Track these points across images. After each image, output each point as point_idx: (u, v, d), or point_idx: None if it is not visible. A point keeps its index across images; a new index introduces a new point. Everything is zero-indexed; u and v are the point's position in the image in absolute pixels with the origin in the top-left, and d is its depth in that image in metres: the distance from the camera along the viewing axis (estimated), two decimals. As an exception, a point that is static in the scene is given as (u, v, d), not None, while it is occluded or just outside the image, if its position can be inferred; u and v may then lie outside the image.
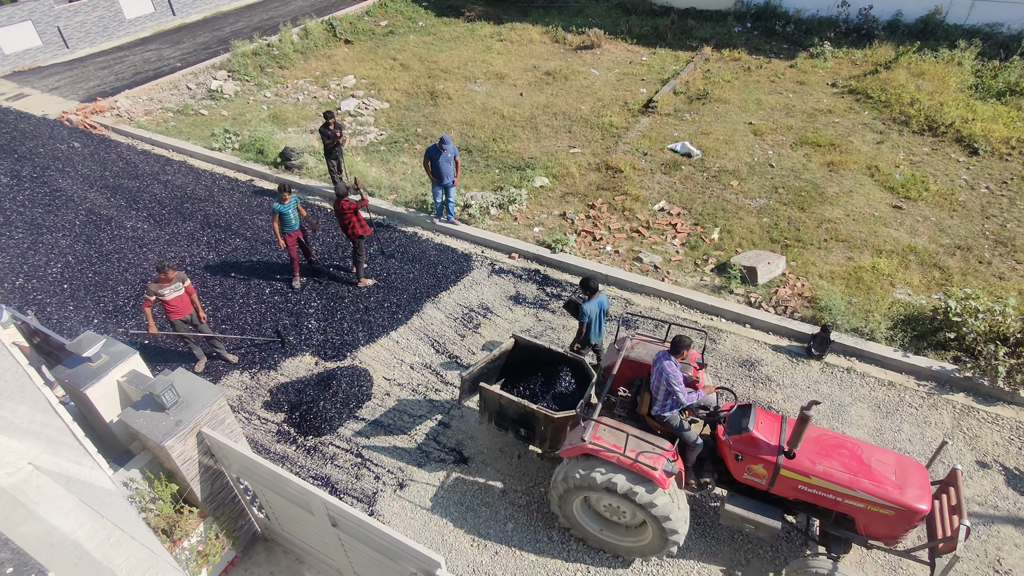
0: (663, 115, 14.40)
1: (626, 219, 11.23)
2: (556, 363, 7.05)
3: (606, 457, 5.64)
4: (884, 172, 11.91)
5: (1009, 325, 8.04)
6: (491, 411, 6.86)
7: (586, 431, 5.77)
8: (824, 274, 9.74)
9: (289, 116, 15.32)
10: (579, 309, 7.50)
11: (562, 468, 6.03)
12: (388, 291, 9.97)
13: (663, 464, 5.54)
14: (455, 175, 10.71)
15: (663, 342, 6.92)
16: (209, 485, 5.82)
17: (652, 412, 6.13)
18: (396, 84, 16.50)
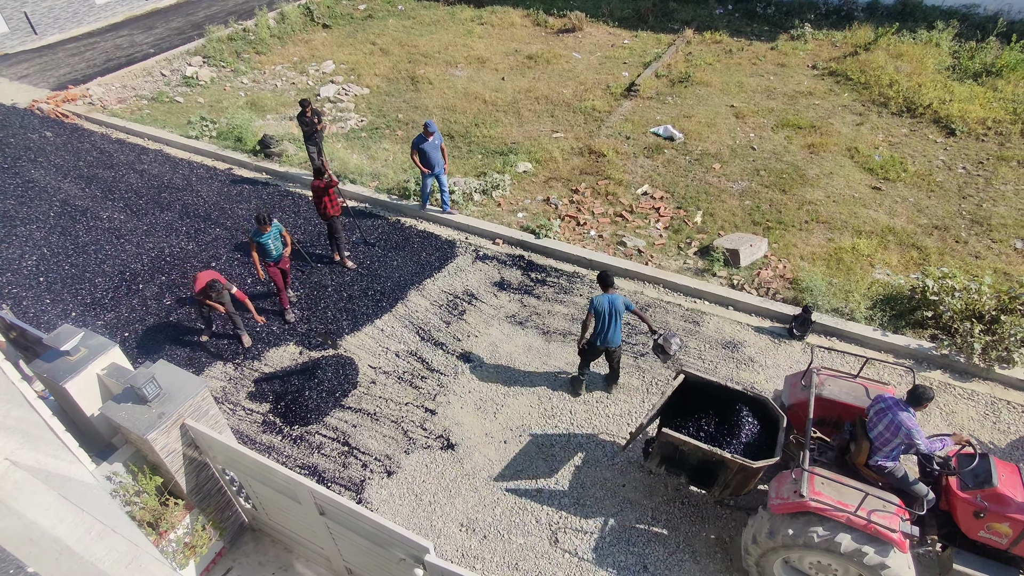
0: (645, 99, 14.38)
1: (609, 203, 11.23)
2: (731, 401, 6.30)
3: (832, 516, 5.05)
4: (863, 154, 12.01)
5: (984, 303, 8.19)
6: (665, 455, 6.19)
7: (802, 485, 5.20)
8: (805, 255, 9.83)
9: (267, 103, 15.07)
10: (664, 351, 7.09)
11: (765, 523, 5.45)
12: (372, 279, 9.91)
13: (899, 524, 4.99)
14: (444, 163, 10.58)
15: (854, 377, 6.32)
16: (194, 477, 5.78)
17: (873, 462, 5.55)
18: (376, 69, 16.28)
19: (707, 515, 6.69)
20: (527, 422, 7.74)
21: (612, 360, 7.64)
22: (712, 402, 6.38)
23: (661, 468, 6.36)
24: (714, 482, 6.06)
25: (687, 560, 6.32)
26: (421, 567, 4.56)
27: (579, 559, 6.39)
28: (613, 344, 7.32)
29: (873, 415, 5.53)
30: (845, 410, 6.13)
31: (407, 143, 13.25)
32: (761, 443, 6.03)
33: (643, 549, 6.44)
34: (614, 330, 7.21)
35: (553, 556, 6.42)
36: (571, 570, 6.30)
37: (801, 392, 6.30)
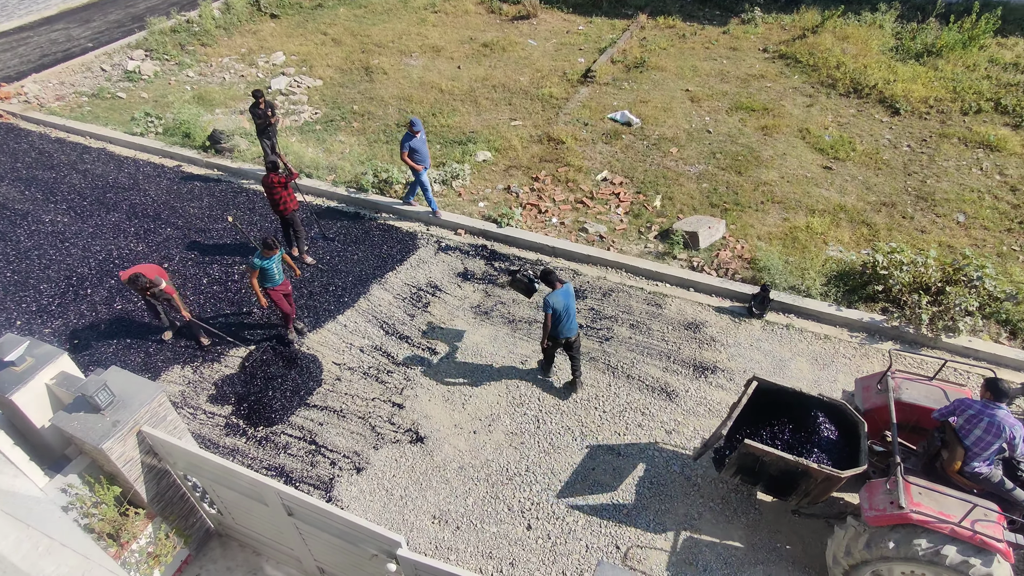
0: (602, 84, 14.43)
1: (570, 190, 11.26)
2: (805, 406, 6.15)
3: (935, 528, 4.88)
4: (814, 134, 12.31)
5: (930, 275, 8.52)
6: (743, 466, 5.95)
7: (899, 495, 5.05)
8: (762, 235, 10.05)
9: (215, 97, 14.59)
10: (527, 287, 7.31)
11: (862, 535, 5.26)
12: (332, 274, 9.74)
13: (1003, 533, 4.88)
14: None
15: (930, 380, 6.15)
16: (155, 485, 5.61)
17: (969, 469, 5.31)
18: (328, 60, 15.91)
19: (673, 493, 6.82)
20: (496, 411, 7.75)
21: (573, 349, 7.56)
22: (783, 408, 6.22)
23: (736, 478, 6.13)
24: (792, 491, 5.86)
25: (657, 538, 6.44)
26: (394, 562, 4.53)
27: (553, 543, 6.44)
28: (573, 333, 7.36)
29: (964, 421, 5.26)
30: (924, 414, 5.90)
31: (364, 135, 13.03)
32: (838, 450, 5.85)
33: (615, 530, 6.53)
34: (572, 320, 7.27)
35: (527, 542, 6.47)
36: (545, 555, 6.35)
37: (877, 396, 6.11)
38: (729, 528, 6.50)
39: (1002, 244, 9.73)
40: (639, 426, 7.50)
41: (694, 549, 6.35)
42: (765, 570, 6.16)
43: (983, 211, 10.33)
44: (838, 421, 6.05)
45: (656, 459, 7.16)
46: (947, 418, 5.45)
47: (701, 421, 7.51)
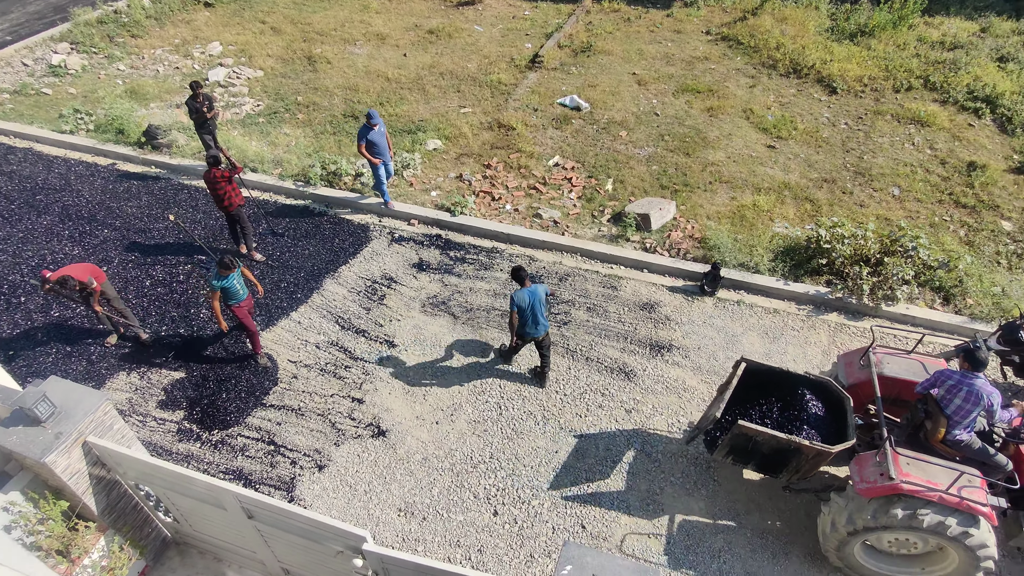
0: (550, 69, 14.43)
1: (522, 176, 11.26)
2: (791, 385, 6.31)
3: (925, 496, 5.08)
4: (758, 114, 12.62)
5: (870, 247, 8.88)
6: (736, 446, 6.02)
7: (888, 467, 5.21)
8: (711, 215, 10.28)
9: (150, 90, 13.95)
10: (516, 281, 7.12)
11: (855, 507, 5.42)
12: (283, 271, 9.49)
13: (987, 497, 5.10)
14: (390, 151, 10.09)
15: (908, 354, 6.34)
16: (105, 496, 5.39)
17: (952, 437, 5.54)
18: (268, 50, 15.40)
19: (635, 470, 6.96)
20: (458, 400, 7.74)
21: (543, 348, 7.52)
22: (770, 387, 6.35)
23: (728, 458, 6.21)
24: (783, 468, 5.99)
25: (622, 516, 6.57)
26: (360, 557, 4.48)
27: (519, 527, 6.50)
28: (541, 332, 7.28)
29: (945, 392, 5.47)
30: (905, 387, 6.10)
31: (309, 127, 12.70)
32: (826, 425, 5.99)
33: (580, 510, 6.63)
34: (540, 318, 7.17)
35: (494, 528, 6.50)
36: (512, 539, 6.41)
37: (860, 371, 6.28)
38: (689, 501, 6.68)
39: (934, 215, 10.22)
40: (599, 407, 7.61)
41: (658, 522, 6.50)
42: (725, 538, 6.37)
43: (916, 184, 10.81)
44: (824, 397, 6.19)
45: (617, 438, 7.28)
46: (929, 390, 5.68)
47: (659, 399, 7.67)
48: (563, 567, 3.84)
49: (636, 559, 6.24)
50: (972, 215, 10.21)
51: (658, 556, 6.27)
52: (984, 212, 10.22)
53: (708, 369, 8.01)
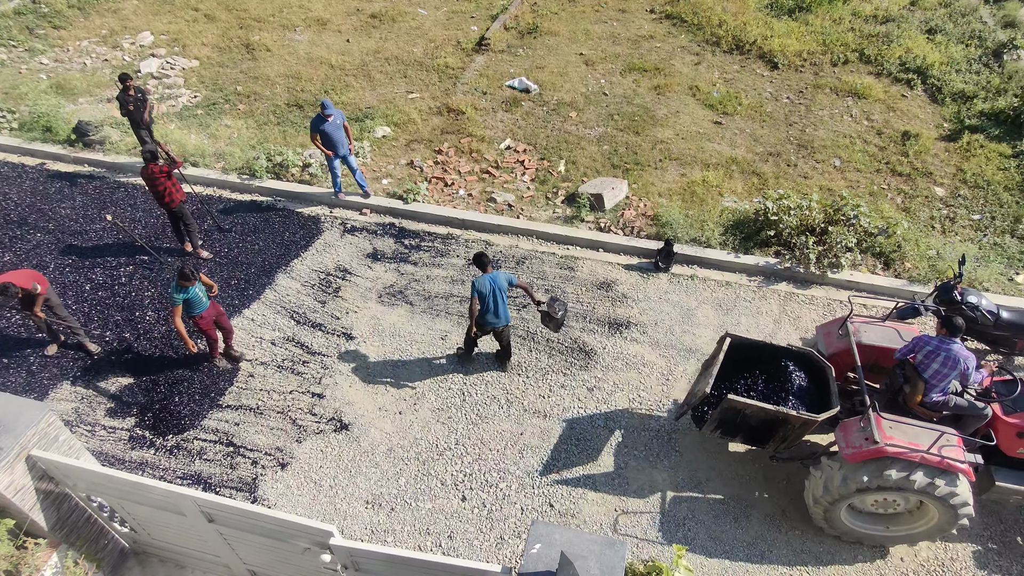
0: (497, 52, 14.30)
1: (475, 161, 11.17)
2: (777, 358, 6.45)
3: (908, 457, 5.29)
4: (704, 91, 12.81)
5: (814, 217, 9.18)
6: (725, 420, 6.11)
7: (872, 431, 5.39)
8: (662, 192, 10.43)
9: (77, 85, 13.23)
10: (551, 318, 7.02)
11: (843, 472, 5.58)
12: (233, 267, 9.21)
13: (964, 455, 5.36)
14: (349, 142, 9.77)
15: (883, 321, 6.58)
16: (55, 511, 5.17)
17: (929, 400, 5.78)
18: (203, 38, 14.77)
19: (599, 446, 7.07)
20: (420, 389, 7.69)
21: (502, 340, 7.47)
22: (754, 360, 6.46)
23: (716, 432, 6.31)
24: (770, 439, 6.14)
25: (588, 492, 6.68)
26: (328, 552, 4.43)
27: (488, 511, 6.54)
28: (501, 324, 7.18)
29: (923, 357, 5.71)
30: (882, 354, 6.31)
31: (252, 117, 12.28)
32: (809, 395, 6.15)
33: (547, 489, 6.71)
34: (501, 308, 7.07)
35: (463, 513, 6.52)
36: (482, 523, 6.44)
37: (839, 341, 6.46)
38: (653, 473, 6.84)
39: (873, 184, 10.61)
40: (562, 387, 7.69)
41: (624, 496, 6.64)
42: (689, 506, 6.55)
43: (855, 155, 11.19)
44: (805, 367, 6.36)
45: (581, 416, 7.38)
46: (908, 356, 5.90)
47: (620, 375, 7.80)
48: (532, 546, 3.88)
49: (604, 533, 6.36)
50: (907, 182, 10.64)
51: (625, 528, 6.40)
52: (918, 179, 10.67)
53: (666, 344, 8.17)
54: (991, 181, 10.53)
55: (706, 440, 7.10)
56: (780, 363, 6.39)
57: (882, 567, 6.13)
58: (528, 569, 3.75)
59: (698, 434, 7.14)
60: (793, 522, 6.43)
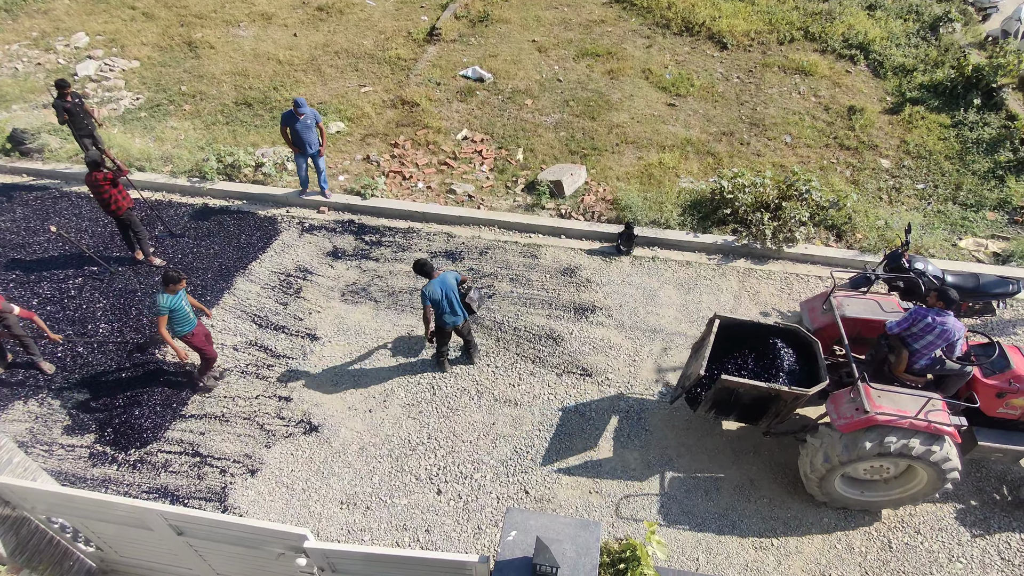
0: (449, 42, 14.15)
1: (432, 153, 11.07)
2: (765, 336, 6.54)
3: (897, 424, 5.45)
4: (656, 74, 12.93)
5: (768, 194, 9.39)
6: (719, 400, 6.21)
7: (863, 401, 5.53)
8: (620, 176, 10.52)
9: (9, 91, 12.62)
10: (422, 276, 6.93)
11: (838, 443, 5.70)
12: (188, 273, 8.94)
13: (950, 418, 5.54)
14: (321, 143, 9.50)
15: (864, 293, 6.74)
16: (13, 536, 4.99)
17: (918, 367, 5.98)
18: (142, 38, 14.23)
19: (571, 430, 7.14)
20: (389, 386, 7.64)
21: (463, 334, 7.45)
22: (743, 339, 6.55)
23: (711, 413, 6.41)
24: (763, 416, 6.26)
25: (563, 476, 6.75)
26: (303, 556, 4.38)
27: (464, 502, 6.55)
28: (460, 320, 7.14)
29: (919, 329, 5.85)
30: (866, 325, 6.48)
31: (199, 118, 11.92)
32: (798, 370, 6.24)
33: (521, 477, 6.76)
34: (456, 306, 7.02)
35: (439, 507, 6.53)
36: (459, 515, 6.46)
37: (823, 315, 6.61)
38: (624, 453, 6.95)
39: (822, 159, 10.91)
40: (531, 374, 7.73)
41: (597, 478, 6.73)
42: (660, 482, 6.68)
43: (805, 131, 11.47)
44: (792, 344, 6.47)
45: (551, 402, 7.44)
46: (904, 328, 6.01)
47: (587, 360, 7.87)
48: (508, 533, 3.90)
49: (579, 515, 6.45)
50: (855, 156, 10.97)
51: (600, 510, 6.50)
52: (865, 152, 11.01)
53: (631, 326, 8.28)
54: (932, 151, 10.93)
55: (674, 418, 7.24)
56: (768, 341, 6.50)
57: (847, 526, 6.37)
58: (505, 556, 3.78)
59: (666, 412, 7.28)
60: (761, 491, 6.62)
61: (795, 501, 6.52)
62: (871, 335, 6.53)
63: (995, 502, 6.54)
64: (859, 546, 6.24)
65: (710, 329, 6.50)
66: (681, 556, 6.17)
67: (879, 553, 6.19)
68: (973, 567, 6.10)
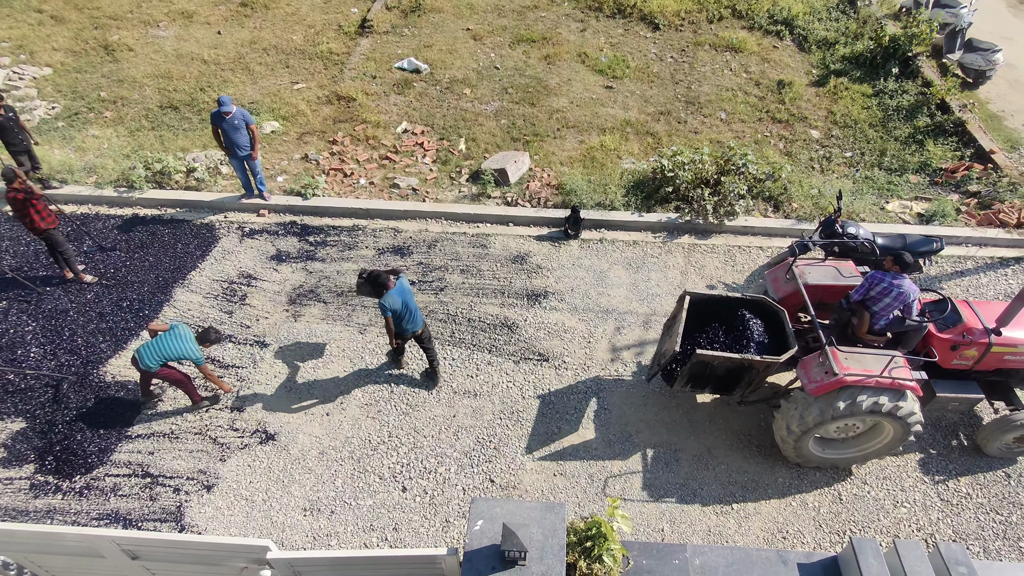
0: (382, 33, 13.88)
1: (372, 148, 10.87)
2: (734, 308, 6.63)
3: (864, 384, 5.66)
4: (592, 57, 13.03)
5: (707, 170, 9.62)
6: (694, 374, 6.34)
7: (831, 364, 5.70)
8: (564, 160, 10.58)
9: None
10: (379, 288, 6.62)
11: (811, 406, 5.89)
12: (123, 288, 8.55)
13: (911, 374, 5.77)
14: (253, 145, 9.09)
15: (824, 261, 6.95)
16: (-50, 580, 4.69)
17: (879, 328, 6.23)
18: (53, 43, 13.41)
19: (530, 416, 7.20)
20: (345, 387, 7.51)
21: (423, 342, 7.17)
22: (712, 313, 6.67)
23: (687, 387, 6.56)
24: (736, 386, 6.43)
25: (527, 462, 6.80)
26: (267, 567, 4.29)
27: (430, 497, 6.53)
28: (419, 326, 6.95)
29: (877, 292, 6.11)
30: (827, 291, 6.70)
31: (121, 124, 11.34)
32: (767, 339, 6.39)
33: (486, 466, 6.77)
34: (416, 313, 6.86)
35: (405, 504, 6.48)
36: (425, 510, 6.43)
37: (787, 284, 6.80)
38: (585, 433, 7.05)
39: (756, 133, 11.24)
40: (488, 364, 7.73)
41: (560, 460, 6.81)
42: (622, 459, 6.81)
43: (738, 107, 11.79)
44: (760, 314, 6.63)
45: (510, 390, 7.46)
46: (863, 293, 6.25)
47: (543, 345, 7.93)
48: (475, 523, 3.91)
49: (544, 499, 6.51)
50: (787, 128, 11.35)
51: (565, 491, 6.58)
52: (796, 124, 11.40)
53: (583, 308, 8.38)
54: (857, 120, 11.42)
55: (631, 395, 7.38)
56: (737, 313, 6.64)
57: (801, 484, 6.65)
58: (473, 546, 3.79)
59: (624, 391, 7.42)
60: (719, 459, 6.83)
61: (751, 466, 6.76)
62: (833, 300, 6.79)
63: (933, 449, 6.95)
64: (812, 502, 6.53)
65: (681, 306, 6.58)
66: (647, 528, 6.32)
67: (831, 506, 6.50)
68: (916, 510, 6.48)
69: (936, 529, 6.35)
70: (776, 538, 6.27)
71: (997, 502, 6.55)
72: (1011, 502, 6.54)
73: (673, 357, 6.38)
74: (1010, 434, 6.44)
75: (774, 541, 6.25)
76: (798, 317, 7.09)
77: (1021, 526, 6.38)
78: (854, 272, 6.86)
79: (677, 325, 6.46)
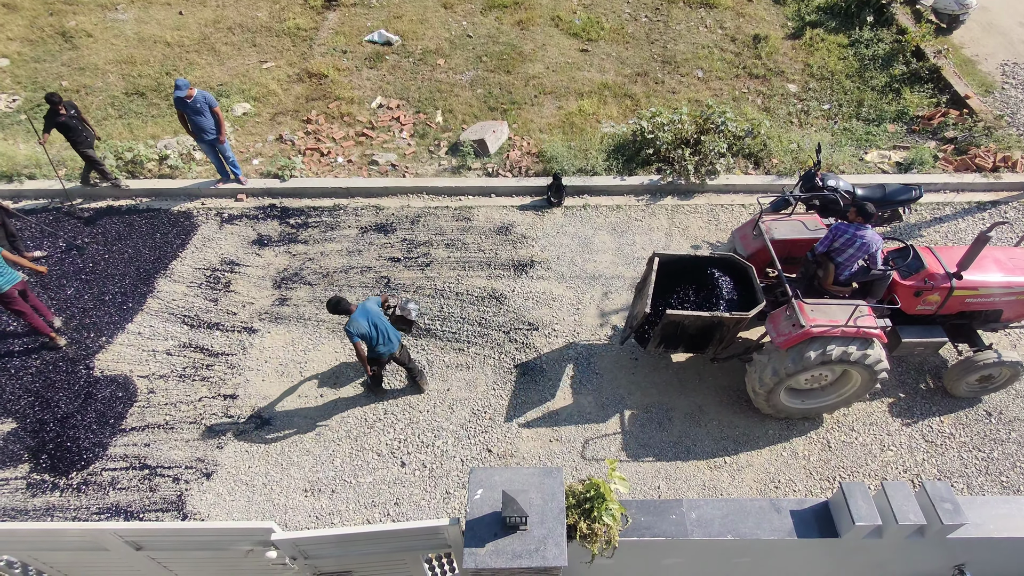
0: (349, 6, 13.51)
1: (348, 125, 10.69)
2: (703, 267, 6.70)
3: (831, 335, 5.77)
4: (566, 20, 12.81)
5: (687, 130, 9.58)
6: (667, 335, 6.44)
7: (798, 317, 5.79)
8: (543, 128, 10.48)
9: None
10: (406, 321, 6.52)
11: (782, 359, 5.99)
12: (103, 281, 8.42)
13: (875, 322, 5.90)
14: (220, 131, 8.82)
15: (789, 215, 7.01)
16: (-45, 583, 4.70)
17: (844, 278, 6.36)
18: (7, 32, 12.91)
19: (523, 385, 7.26)
20: (337, 367, 7.52)
21: (403, 362, 6.85)
22: (682, 273, 6.75)
23: (660, 348, 6.66)
24: (709, 344, 6.55)
25: (523, 430, 6.89)
26: (272, 549, 4.33)
27: (429, 471, 6.61)
28: (396, 346, 6.51)
29: (841, 244, 6.25)
30: (794, 245, 6.81)
31: (87, 114, 11.00)
32: (736, 295, 6.50)
33: (482, 437, 6.86)
34: (389, 332, 6.38)
35: (405, 478, 6.56)
36: (425, 484, 6.51)
37: (755, 241, 6.88)
38: (579, 399, 7.14)
39: (734, 90, 11.18)
40: (479, 336, 7.76)
41: (555, 426, 6.90)
42: (616, 422, 6.93)
43: (715, 64, 11.69)
44: (728, 271, 6.70)
45: (502, 360, 7.51)
46: (827, 245, 6.36)
47: (532, 314, 7.96)
48: (475, 492, 3.97)
49: (542, 465, 6.62)
50: (764, 83, 11.29)
51: (562, 456, 6.69)
52: (773, 79, 11.34)
53: (570, 275, 8.40)
54: (834, 72, 11.38)
55: (621, 358, 7.46)
56: (706, 271, 6.70)
57: (790, 434, 6.81)
58: (475, 515, 3.85)
59: (615, 355, 7.49)
60: (710, 415, 6.96)
61: (741, 420, 6.90)
62: (800, 254, 6.88)
63: (916, 392, 7.13)
64: (802, 451, 6.70)
65: (650, 268, 6.65)
66: (643, 487, 6.46)
67: (820, 454, 6.68)
68: (902, 453, 6.67)
69: (922, 469, 6.56)
70: (769, 488, 6.44)
71: (979, 440, 6.76)
72: (992, 439, 6.76)
73: (645, 319, 6.45)
74: (974, 374, 6.62)
75: (767, 491, 6.42)
76: (767, 272, 7.19)
77: (1002, 461, 6.60)
78: (820, 225, 6.93)
79: (647, 287, 6.51)
